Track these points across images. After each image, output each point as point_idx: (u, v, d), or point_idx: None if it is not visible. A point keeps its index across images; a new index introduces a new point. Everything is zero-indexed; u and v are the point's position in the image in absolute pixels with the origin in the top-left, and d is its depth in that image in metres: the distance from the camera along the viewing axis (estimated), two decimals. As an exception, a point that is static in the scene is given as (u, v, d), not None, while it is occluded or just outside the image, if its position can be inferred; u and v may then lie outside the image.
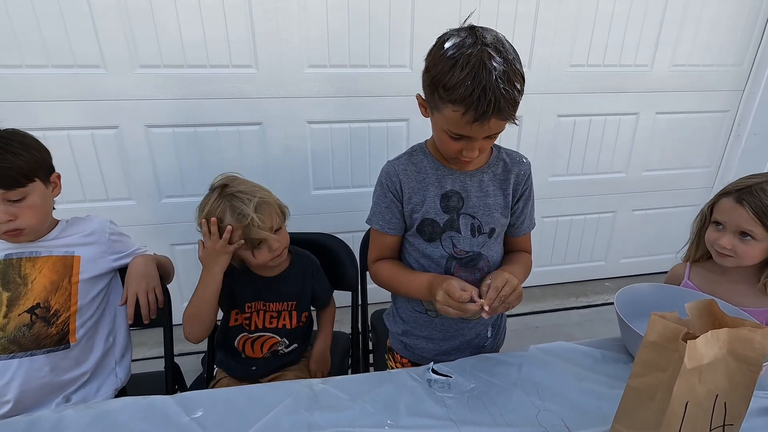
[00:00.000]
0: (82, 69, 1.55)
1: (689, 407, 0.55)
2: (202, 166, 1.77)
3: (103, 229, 1.04)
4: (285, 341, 1.13)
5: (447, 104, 0.74)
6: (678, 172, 2.25)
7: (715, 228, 0.98)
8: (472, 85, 0.70)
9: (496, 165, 0.94)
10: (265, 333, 1.11)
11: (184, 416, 0.73)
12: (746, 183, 0.93)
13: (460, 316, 0.80)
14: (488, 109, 0.71)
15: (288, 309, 1.12)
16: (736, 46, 2.02)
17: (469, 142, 0.79)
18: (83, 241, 1.00)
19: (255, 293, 1.10)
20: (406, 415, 0.76)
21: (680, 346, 0.53)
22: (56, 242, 0.97)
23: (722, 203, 0.96)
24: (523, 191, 0.96)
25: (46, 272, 0.93)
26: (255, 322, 1.10)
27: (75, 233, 1.00)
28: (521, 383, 0.83)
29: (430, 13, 1.71)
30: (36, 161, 0.92)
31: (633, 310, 0.89)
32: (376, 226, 0.97)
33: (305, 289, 1.14)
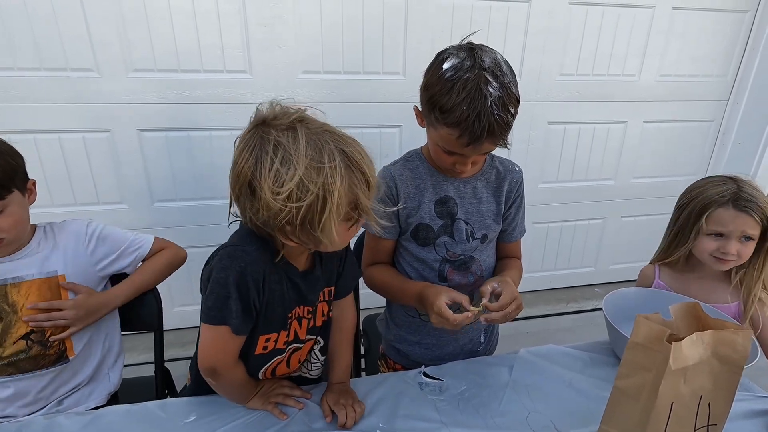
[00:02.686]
0: (75, 72, 1.55)
1: (674, 407, 0.57)
2: (194, 170, 1.77)
3: (78, 238, 0.95)
4: (320, 340, 0.89)
5: (442, 125, 0.77)
6: (665, 180, 2.29)
7: (714, 238, 0.99)
8: (468, 111, 0.73)
9: (490, 173, 0.96)
10: (305, 342, 0.85)
11: (178, 421, 0.73)
12: (727, 188, 0.96)
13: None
14: (482, 134, 0.74)
15: (326, 299, 0.86)
16: (721, 58, 2.08)
17: (462, 158, 0.83)
18: (62, 257, 0.92)
19: (297, 295, 0.79)
20: (398, 418, 0.76)
21: (665, 348, 0.55)
22: (36, 258, 0.90)
23: (720, 214, 0.96)
24: (515, 198, 0.99)
25: (33, 298, 0.88)
26: (296, 330, 0.81)
27: (53, 246, 0.93)
28: (512, 385, 0.84)
29: (422, 22, 1.73)
30: (12, 169, 0.84)
31: (621, 314, 0.91)
32: (378, 231, 0.90)
33: (337, 265, 0.87)
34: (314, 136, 0.66)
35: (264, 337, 0.77)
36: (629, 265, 2.46)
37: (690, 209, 1.02)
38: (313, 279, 0.80)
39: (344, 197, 0.64)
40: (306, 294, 0.78)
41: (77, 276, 0.94)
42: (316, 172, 0.62)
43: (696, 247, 1.02)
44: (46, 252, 0.91)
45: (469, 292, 0.98)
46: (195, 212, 1.82)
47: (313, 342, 0.87)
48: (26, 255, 0.89)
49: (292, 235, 0.66)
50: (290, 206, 0.61)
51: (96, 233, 0.97)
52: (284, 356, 0.82)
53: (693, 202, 1.02)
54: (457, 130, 0.75)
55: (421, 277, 0.98)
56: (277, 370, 0.84)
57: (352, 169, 0.66)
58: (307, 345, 0.85)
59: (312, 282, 0.80)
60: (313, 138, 0.66)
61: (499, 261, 1.04)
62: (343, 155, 0.66)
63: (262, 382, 0.83)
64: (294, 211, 0.62)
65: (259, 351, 0.78)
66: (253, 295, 0.70)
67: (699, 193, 1.01)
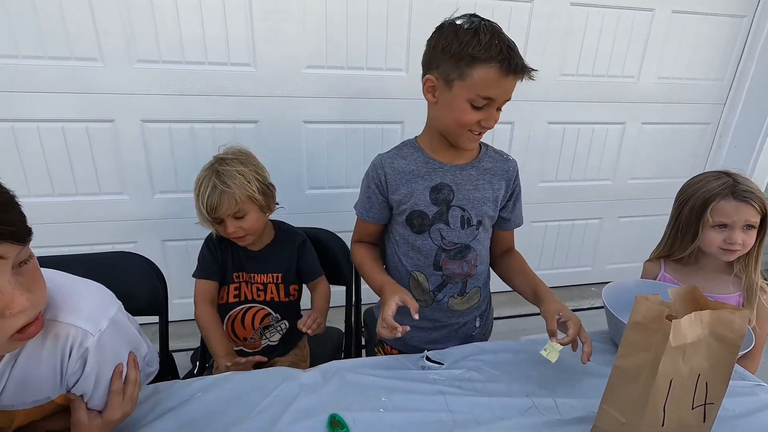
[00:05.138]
0: (79, 62, 1.56)
1: (673, 385, 0.58)
2: (196, 162, 1.76)
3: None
4: (276, 316, 1.16)
5: (479, 66, 0.80)
6: (662, 181, 2.32)
7: (719, 230, 1.02)
8: (500, 44, 0.79)
9: (485, 160, 0.98)
10: (254, 304, 1.15)
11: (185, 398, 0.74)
12: (733, 184, 1.00)
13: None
14: (519, 63, 0.80)
15: (274, 282, 1.15)
16: (718, 61, 2.11)
17: (489, 110, 0.84)
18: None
19: (239, 264, 1.15)
20: (400, 392, 0.78)
21: (664, 326, 0.56)
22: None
23: (723, 206, 1.00)
24: (514, 188, 1.02)
25: (23, 418, 0.64)
26: (245, 292, 1.14)
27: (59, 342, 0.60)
28: (513, 369, 0.86)
29: (426, 20, 1.75)
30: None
31: (620, 305, 0.93)
32: (358, 212, 1.04)
33: (290, 262, 1.17)
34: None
35: (224, 288, 1.14)
36: (625, 265, 2.49)
37: (692, 204, 1.05)
38: (257, 257, 1.15)
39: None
40: (245, 264, 1.15)
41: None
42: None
43: (703, 242, 1.05)
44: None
45: (463, 282, 1.00)
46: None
47: (267, 313, 1.16)
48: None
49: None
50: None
51: (89, 370, 0.62)
52: (239, 312, 1.14)
53: (694, 197, 1.05)
54: (496, 61, 0.79)
55: (416, 267, 0.99)
56: (236, 328, 1.15)
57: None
58: (258, 310, 1.16)
59: (255, 258, 1.15)
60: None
61: (505, 258, 1.07)
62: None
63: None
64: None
65: (222, 301, 1.14)
66: (212, 254, 1.15)
67: (698, 189, 1.04)
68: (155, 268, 1.13)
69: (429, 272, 0.98)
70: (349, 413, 0.74)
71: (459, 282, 0.99)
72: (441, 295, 1.00)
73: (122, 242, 1.80)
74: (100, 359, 0.62)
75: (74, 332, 0.59)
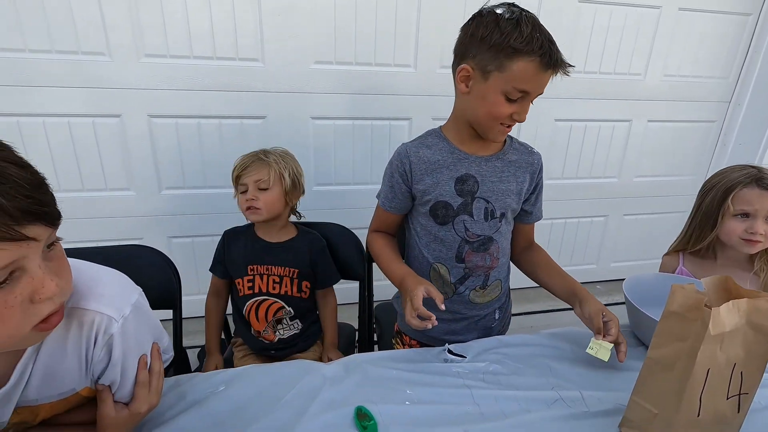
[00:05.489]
0: (86, 56, 1.54)
1: (710, 374, 0.58)
2: (203, 158, 1.76)
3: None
4: (290, 310, 1.17)
5: (519, 59, 0.78)
6: (667, 179, 2.33)
7: (740, 219, 1.00)
8: (541, 38, 0.78)
9: (510, 152, 0.97)
10: (268, 297, 1.15)
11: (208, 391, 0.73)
12: (748, 172, 0.99)
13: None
14: (558, 57, 0.80)
15: (290, 276, 1.16)
16: (724, 59, 2.12)
17: (523, 103, 0.84)
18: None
19: (257, 256, 1.16)
20: (424, 386, 0.78)
21: (703, 314, 0.55)
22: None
23: (745, 194, 0.98)
24: (538, 181, 1.01)
25: (47, 412, 0.63)
26: (258, 285, 1.15)
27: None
28: (536, 362, 0.85)
29: (435, 17, 1.75)
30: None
31: (639, 298, 0.92)
32: (381, 201, 1.03)
33: (308, 262, 1.18)
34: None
35: (238, 280, 1.16)
36: (630, 263, 2.49)
37: (714, 193, 1.03)
38: (276, 250, 1.16)
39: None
40: (263, 256, 1.15)
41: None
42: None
43: (723, 231, 1.03)
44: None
45: (485, 274, 0.99)
46: (203, 200, 1.81)
47: (280, 306, 1.16)
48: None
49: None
50: None
51: (114, 357, 0.60)
52: (253, 304, 1.15)
53: (716, 187, 1.03)
54: (538, 55, 0.78)
55: (438, 259, 0.98)
56: (252, 322, 1.16)
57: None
58: (271, 303, 1.16)
59: (274, 251, 1.15)
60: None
61: (529, 254, 1.07)
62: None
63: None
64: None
65: (240, 293, 1.16)
66: (222, 250, 1.18)
67: (722, 178, 1.03)
68: (168, 261, 1.11)
69: (451, 264, 0.97)
70: (374, 406, 0.73)
71: (481, 275, 0.99)
72: (462, 288, 0.99)
73: (128, 238, 1.78)
74: (126, 347, 0.60)
75: (99, 318, 0.57)
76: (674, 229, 2.69)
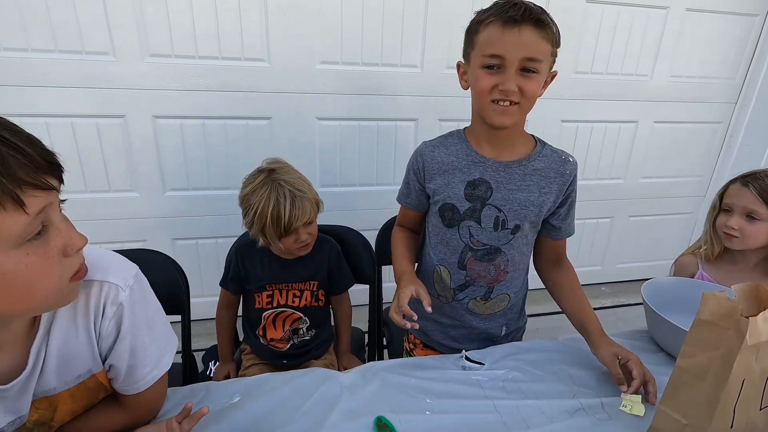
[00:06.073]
0: (90, 55, 1.52)
1: (745, 385, 0.56)
2: (208, 159, 1.74)
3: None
4: (306, 320, 1.14)
5: (482, 27, 0.78)
6: (673, 180, 2.32)
7: (725, 213, 1.05)
8: (504, 3, 0.77)
9: (538, 160, 0.89)
10: (286, 309, 1.12)
11: (222, 402, 0.71)
12: (753, 171, 1.02)
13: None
14: (523, 14, 0.74)
15: (310, 288, 1.14)
16: (730, 61, 2.11)
17: (505, 72, 0.77)
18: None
19: (276, 275, 1.10)
20: (444, 396, 0.76)
21: (739, 323, 0.54)
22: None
23: (731, 189, 1.04)
24: (569, 193, 0.93)
25: (65, 405, 0.62)
26: (277, 299, 1.12)
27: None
28: (555, 369, 0.84)
29: (442, 17, 1.73)
30: None
31: (658, 302, 0.91)
32: (398, 196, 1.03)
33: (325, 271, 1.16)
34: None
35: (256, 294, 1.11)
36: (636, 264, 2.48)
37: (722, 190, 1.08)
38: (295, 266, 1.11)
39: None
40: (281, 275, 1.10)
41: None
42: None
43: (716, 225, 1.07)
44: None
45: (489, 286, 0.95)
46: (208, 202, 1.79)
47: (298, 317, 1.13)
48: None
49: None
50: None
51: (123, 327, 0.60)
52: (270, 315, 1.11)
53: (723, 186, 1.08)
54: (494, 16, 0.76)
55: (441, 261, 0.96)
56: (267, 332, 1.12)
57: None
58: (288, 315, 1.12)
59: (292, 267, 1.11)
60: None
61: (555, 273, 1.01)
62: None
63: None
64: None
65: (257, 305, 1.12)
66: (237, 267, 1.11)
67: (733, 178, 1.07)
68: (176, 265, 1.09)
69: (453, 269, 0.95)
70: (394, 415, 0.71)
71: (484, 285, 0.94)
72: (462, 296, 0.96)
73: (132, 240, 1.76)
74: (134, 320, 0.60)
75: (106, 288, 0.58)
76: (680, 231, 2.67)
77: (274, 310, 1.12)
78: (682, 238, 2.49)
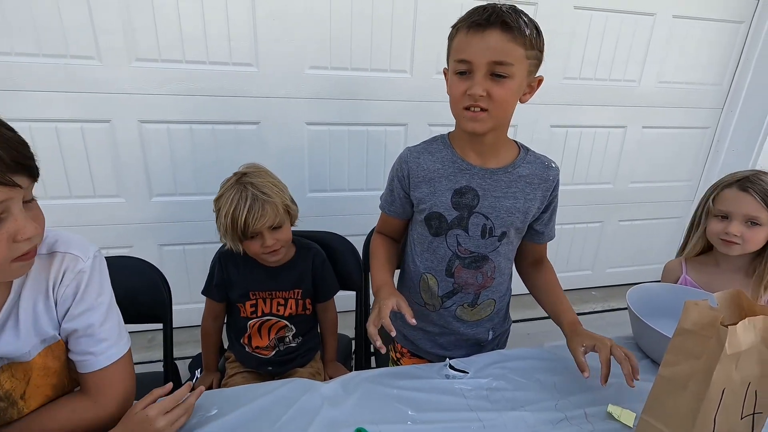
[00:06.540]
0: (76, 60, 1.50)
1: (725, 394, 0.56)
2: (195, 164, 1.72)
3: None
4: (292, 328, 1.14)
5: (456, 34, 0.80)
6: (662, 185, 2.33)
7: (720, 220, 1.01)
8: (477, 8, 0.78)
9: (522, 166, 0.90)
10: (271, 317, 1.12)
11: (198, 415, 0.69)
12: (742, 174, 0.99)
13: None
14: (485, 16, 0.75)
15: (295, 297, 1.13)
16: (717, 66, 2.13)
17: (473, 77, 0.77)
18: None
19: (258, 283, 1.10)
20: (427, 407, 0.75)
21: (719, 332, 0.54)
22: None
23: (725, 194, 1.00)
24: (553, 198, 0.94)
25: (38, 378, 0.66)
26: (262, 308, 1.11)
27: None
28: (538, 377, 0.83)
29: (431, 22, 1.73)
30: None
31: (644, 309, 0.91)
32: (381, 204, 1.00)
33: (310, 278, 1.15)
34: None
35: (240, 305, 1.11)
36: (625, 268, 2.49)
37: (704, 194, 1.06)
38: (279, 274, 1.10)
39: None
40: (266, 283, 1.10)
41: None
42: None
43: (707, 232, 1.04)
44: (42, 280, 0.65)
45: (475, 293, 0.95)
46: (195, 207, 1.77)
47: (283, 326, 1.13)
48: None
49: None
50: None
51: (80, 290, 0.66)
52: (256, 323, 1.11)
53: (709, 189, 1.05)
54: (465, 22, 0.77)
55: (428, 269, 0.95)
56: (253, 340, 1.13)
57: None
58: (274, 323, 1.12)
59: (276, 275, 1.10)
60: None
61: (535, 272, 1.02)
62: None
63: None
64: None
65: (242, 314, 1.11)
66: (221, 274, 1.11)
67: (717, 181, 1.04)
68: (158, 272, 1.08)
69: (441, 277, 0.94)
70: (375, 426, 0.70)
71: (471, 292, 0.94)
72: (449, 303, 0.95)
73: (118, 246, 1.74)
74: (90, 290, 0.67)
75: (68, 258, 0.66)
76: (669, 235, 2.68)
77: (259, 319, 1.11)
78: (672, 242, 2.50)
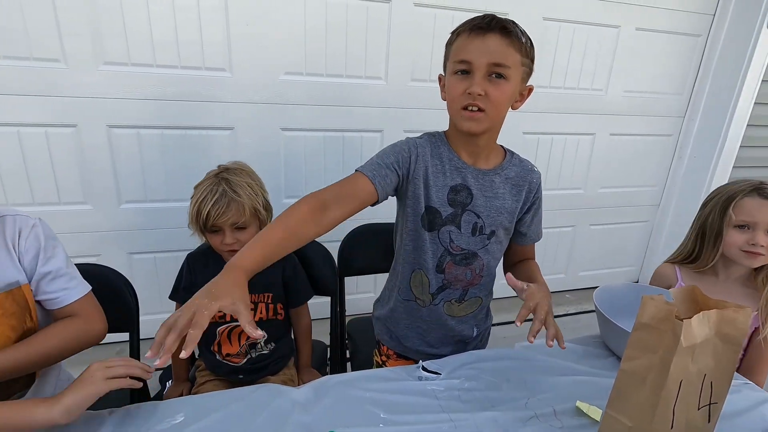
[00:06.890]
0: (39, 62, 1.45)
1: (683, 386, 0.58)
2: (166, 170, 1.69)
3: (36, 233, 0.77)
4: (264, 334, 1.09)
5: (455, 38, 0.85)
6: (629, 190, 2.42)
7: (741, 230, 0.97)
8: (477, 16, 0.83)
9: (509, 168, 0.94)
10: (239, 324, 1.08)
11: (164, 422, 0.67)
12: (752, 183, 0.97)
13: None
14: (489, 23, 0.80)
15: (265, 301, 1.11)
16: (678, 77, 2.23)
17: (473, 77, 0.81)
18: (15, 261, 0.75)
19: None
20: (399, 408, 0.75)
21: (675, 326, 0.56)
22: None
23: (745, 203, 0.95)
24: (534, 200, 0.98)
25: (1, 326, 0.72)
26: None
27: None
28: (510, 376, 0.84)
29: (405, 30, 1.76)
30: None
31: (610, 308, 0.93)
32: (363, 167, 0.85)
33: (281, 282, 1.13)
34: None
35: None
36: (598, 272, 2.56)
37: (714, 204, 1.01)
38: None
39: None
40: None
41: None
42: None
43: (724, 243, 0.99)
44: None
45: (463, 289, 0.97)
46: (165, 214, 1.73)
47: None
48: None
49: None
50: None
51: (41, 242, 0.77)
52: (225, 329, 1.09)
53: (716, 198, 1.01)
54: (467, 27, 0.82)
55: (420, 265, 0.95)
56: (223, 347, 1.10)
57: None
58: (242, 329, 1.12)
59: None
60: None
61: (518, 264, 1.04)
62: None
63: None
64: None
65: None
66: (189, 276, 1.11)
67: (722, 190, 1.01)
68: (125, 280, 1.05)
69: (431, 273, 0.95)
70: (347, 429, 0.69)
71: (459, 288, 0.97)
72: (438, 299, 0.97)
73: (85, 255, 1.68)
74: (49, 236, 0.78)
75: (19, 219, 0.76)
76: (638, 239, 2.77)
77: (228, 325, 1.08)
78: (640, 245, 2.59)
